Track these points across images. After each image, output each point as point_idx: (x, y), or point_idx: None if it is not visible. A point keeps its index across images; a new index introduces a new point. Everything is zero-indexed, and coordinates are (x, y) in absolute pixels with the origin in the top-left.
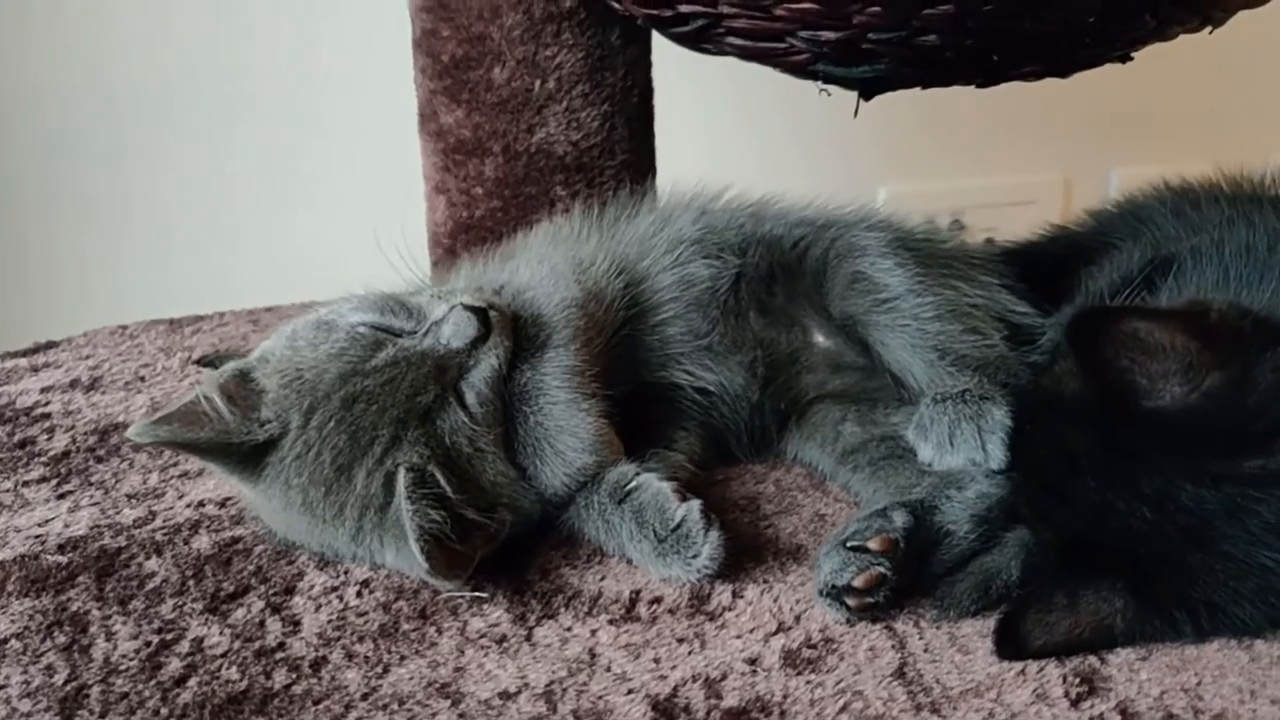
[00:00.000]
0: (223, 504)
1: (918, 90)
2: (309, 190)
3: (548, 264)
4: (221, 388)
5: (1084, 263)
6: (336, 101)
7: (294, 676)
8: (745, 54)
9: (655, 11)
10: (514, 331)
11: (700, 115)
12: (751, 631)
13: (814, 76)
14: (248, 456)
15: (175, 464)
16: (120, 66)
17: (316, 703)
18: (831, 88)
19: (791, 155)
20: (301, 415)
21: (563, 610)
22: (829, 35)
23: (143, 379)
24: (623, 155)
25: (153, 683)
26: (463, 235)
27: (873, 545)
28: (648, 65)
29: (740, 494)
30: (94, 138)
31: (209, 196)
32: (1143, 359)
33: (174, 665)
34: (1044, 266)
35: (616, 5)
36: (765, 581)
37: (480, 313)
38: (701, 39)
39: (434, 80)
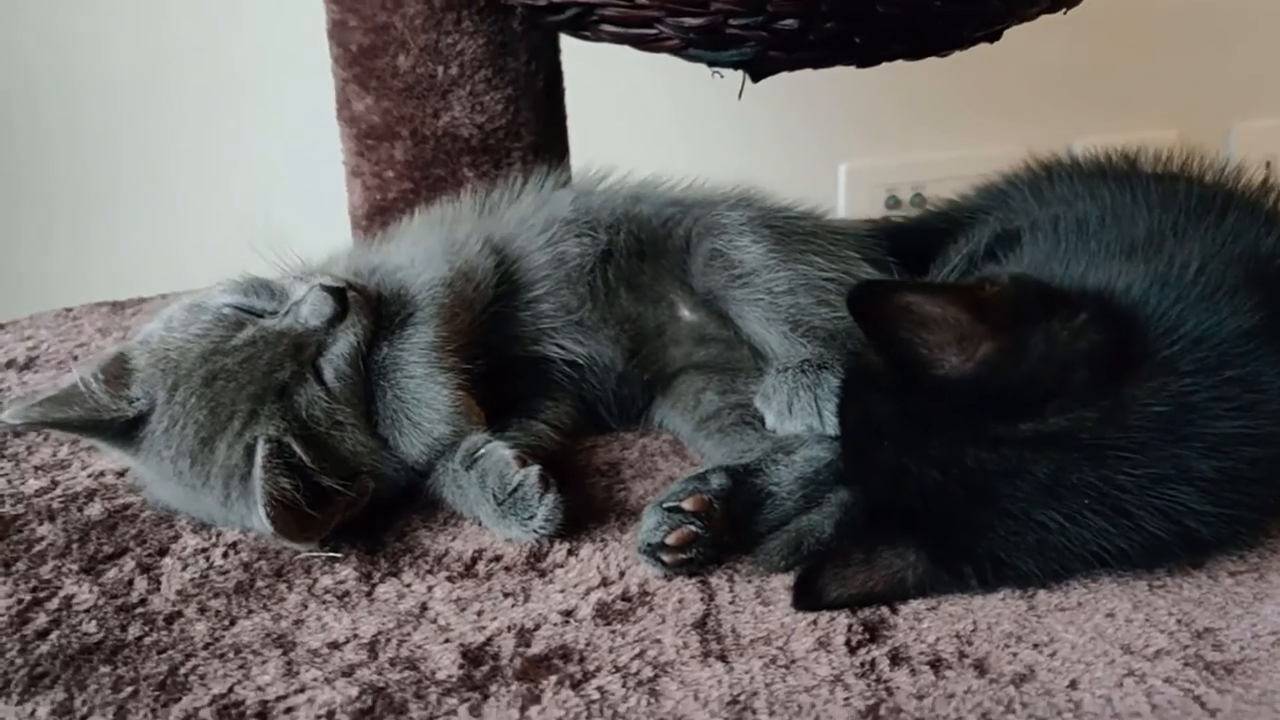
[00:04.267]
0: (121, 474)
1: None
2: (255, 174)
3: (422, 245)
4: (102, 369)
5: (953, 237)
6: (279, 88)
7: (147, 629)
8: (621, 40)
9: (530, 1)
10: (375, 310)
11: (662, 98)
12: (575, 586)
13: (694, 60)
14: (122, 431)
15: None
16: (58, 53)
17: (161, 652)
18: (724, 71)
19: (752, 134)
20: (167, 392)
21: (407, 568)
22: (692, 21)
23: (76, 359)
24: (529, 137)
25: (17, 635)
26: (379, 217)
27: (686, 505)
28: (554, 51)
29: (605, 459)
30: (51, 127)
31: (160, 180)
32: (920, 330)
33: (40, 620)
34: (926, 241)
35: None
36: (601, 540)
37: (337, 293)
38: (579, 26)
39: (345, 69)
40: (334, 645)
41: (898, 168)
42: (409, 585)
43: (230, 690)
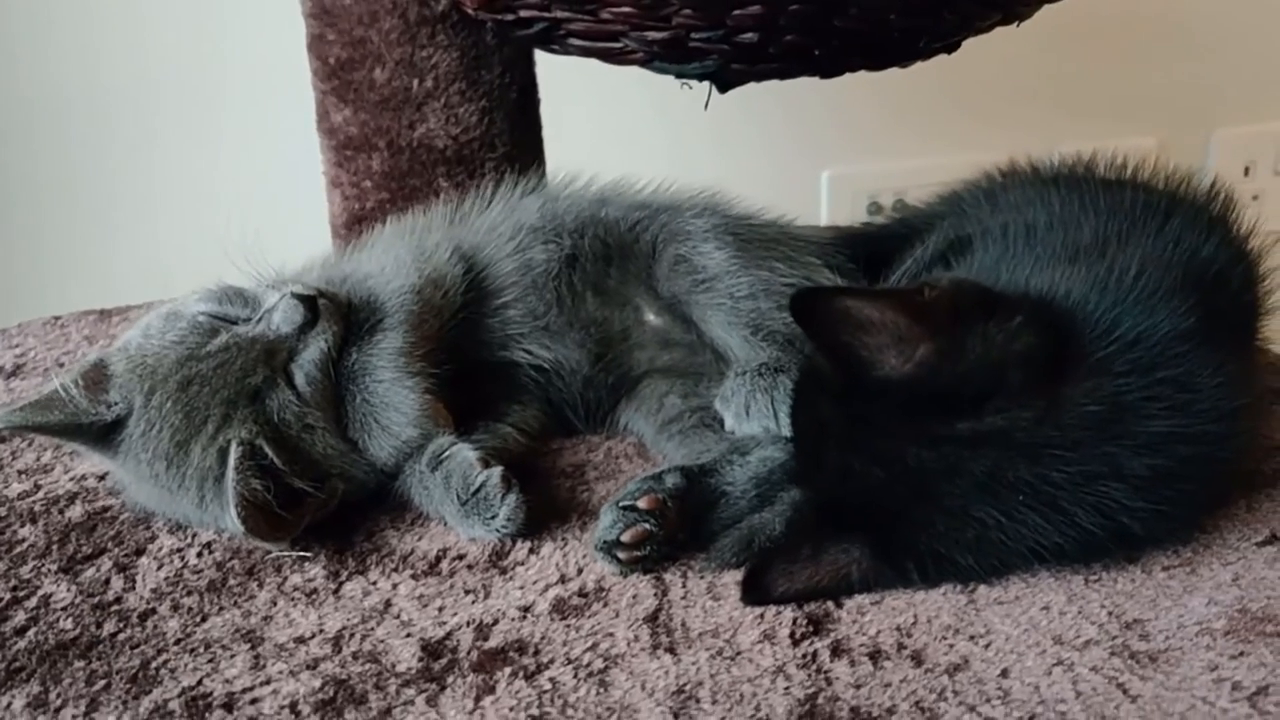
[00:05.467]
0: (102, 477)
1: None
2: (239, 184)
3: (392, 253)
4: (81, 375)
5: (911, 243)
6: (262, 101)
7: (121, 626)
8: (587, 53)
9: (499, 16)
10: (345, 317)
11: (643, 106)
12: (535, 583)
13: (660, 72)
14: (101, 435)
15: None
16: (47, 66)
17: (134, 647)
18: (692, 82)
19: (735, 141)
20: (144, 396)
21: (373, 567)
22: (655, 35)
23: (62, 366)
24: (503, 148)
25: None
26: (357, 226)
27: (641, 504)
28: (529, 63)
29: (570, 461)
30: (40, 139)
31: (148, 190)
32: (859, 334)
33: (19, 617)
34: (888, 247)
35: (470, 11)
36: (563, 539)
37: (308, 300)
38: (546, 40)
39: (324, 81)
40: (300, 640)
41: (880, 174)
42: (374, 583)
43: (199, 683)
